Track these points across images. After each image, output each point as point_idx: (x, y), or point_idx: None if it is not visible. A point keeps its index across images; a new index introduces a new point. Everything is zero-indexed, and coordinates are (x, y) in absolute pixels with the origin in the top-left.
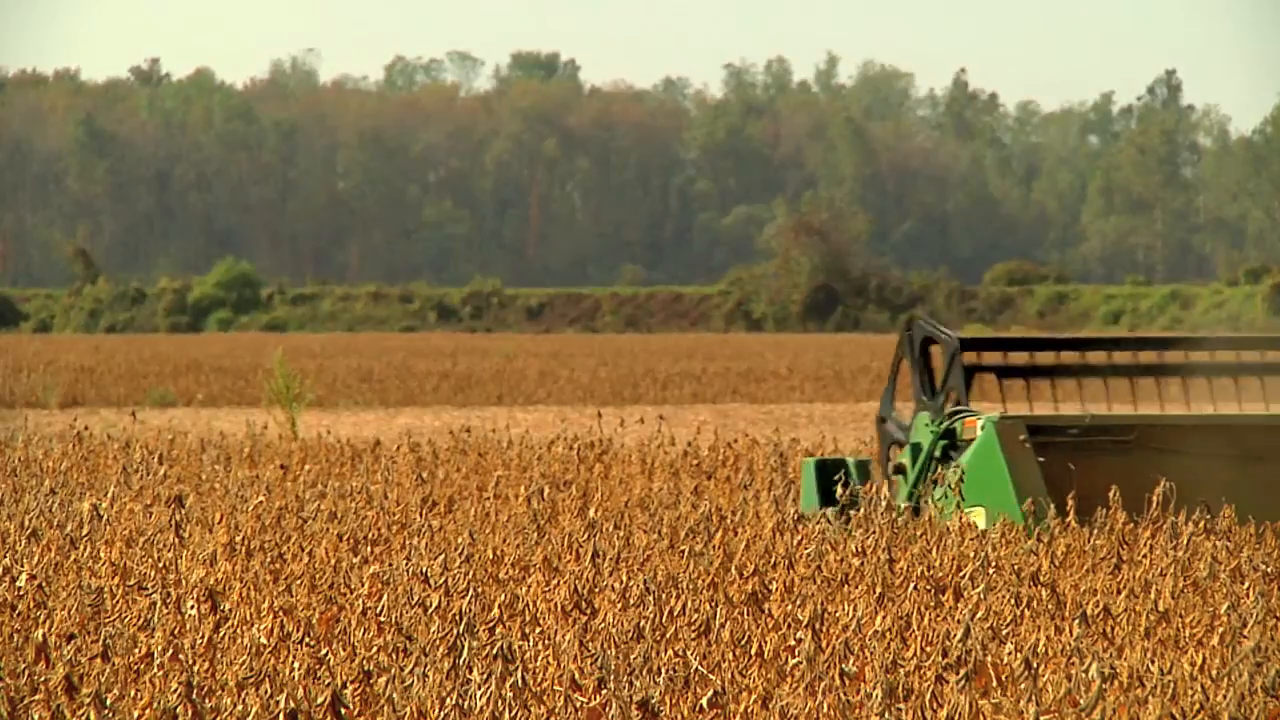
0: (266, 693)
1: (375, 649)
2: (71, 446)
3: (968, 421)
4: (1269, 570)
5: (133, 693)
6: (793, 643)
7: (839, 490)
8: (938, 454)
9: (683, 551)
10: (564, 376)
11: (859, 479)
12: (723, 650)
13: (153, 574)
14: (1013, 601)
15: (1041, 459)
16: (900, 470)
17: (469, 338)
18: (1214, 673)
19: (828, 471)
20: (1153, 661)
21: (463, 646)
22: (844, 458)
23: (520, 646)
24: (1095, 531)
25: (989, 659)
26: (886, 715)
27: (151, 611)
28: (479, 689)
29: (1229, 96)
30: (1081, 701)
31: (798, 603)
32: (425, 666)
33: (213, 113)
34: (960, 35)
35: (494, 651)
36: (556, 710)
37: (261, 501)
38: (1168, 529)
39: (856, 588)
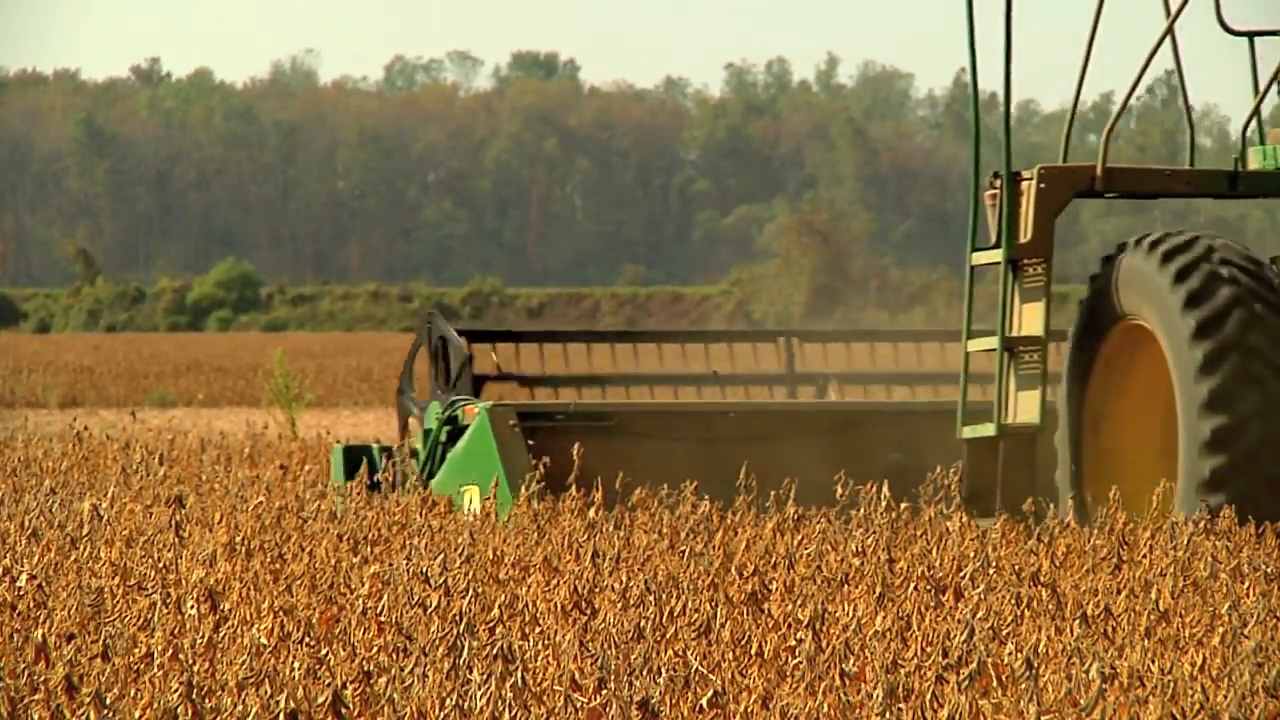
0: (266, 693)
1: (375, 649)
2: (71, 446)
3: (467, 409)
4: (1269, 570)
5: (133, 693)
6: (793, 643)
7: (373, 472)
8: (444, 438)
9: (683, 551)
10: None
11: (381, 463)
12: (723, 650)
13: (153, 574)
14: (1013, 601)
15: (531, 442)
16: (415, 454)
17: None
18: (1214, 673)
19: (353, 455)
20: (1153, 661)
21: (463, 646)
22: (369, 444)
23: (520, 646)
24: (1095, 531)
25: (989, 659)
26: (886, 715)
27: (151, 611)
28: (479, 689)
29: (1229, 96)
30: (1082, 701)
31: (798, 603)
32: (425, 666)
33: (213, 113)
34: (960, 35)
35: (494, 651)
36: (556, 710)
37: (261, 501)
38: (1168, 529)
39: (856, 588)
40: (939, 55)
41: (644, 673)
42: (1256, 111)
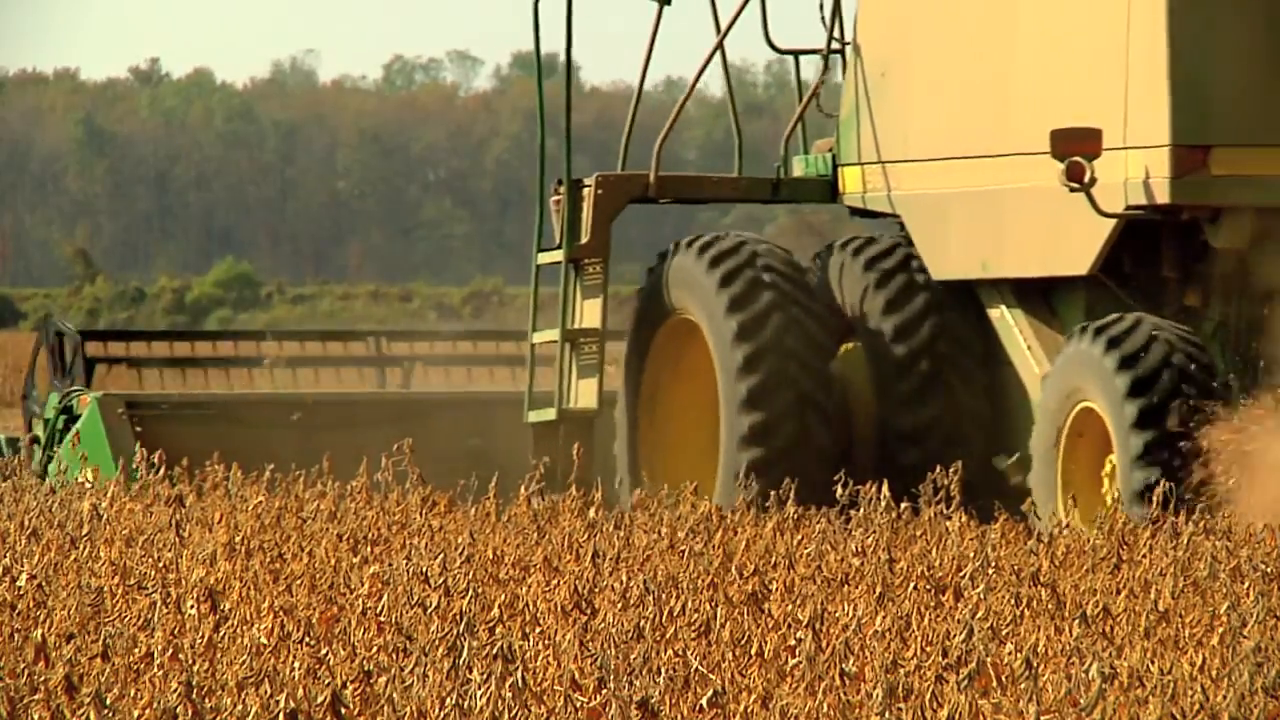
0: (266, 693)
1: (375, 649)
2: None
3: (81, 399)
4: (1269, 570)
5: (133, 693)
6: (793, 643)
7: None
8: (61, 426)
9: (683, 551)
10: None
11: (10, 451)
12: (723, 650)
13: (153, 574)
14: (1013, 601)
15: (139, 428)
16: (37, 441)
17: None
18: (1214, 673)
19: None
20: (1153, 661)
21: (463, 646)
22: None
23: (520, 646)
24: (1094, 531)
25: (989, 659)
26: (886, 715)
27: (151, 611)
28: (479, 689)
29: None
30: (1081, 701)
31: (798, 603)
32: (425, 666)
33: (213, 113)
34: None
35: (494, 651)
36: (556, 710)
37: (261, 501)
38: (1168, 529)
39: (856, 588)
40: None
41: (644, 673)
42: (800, 120)
